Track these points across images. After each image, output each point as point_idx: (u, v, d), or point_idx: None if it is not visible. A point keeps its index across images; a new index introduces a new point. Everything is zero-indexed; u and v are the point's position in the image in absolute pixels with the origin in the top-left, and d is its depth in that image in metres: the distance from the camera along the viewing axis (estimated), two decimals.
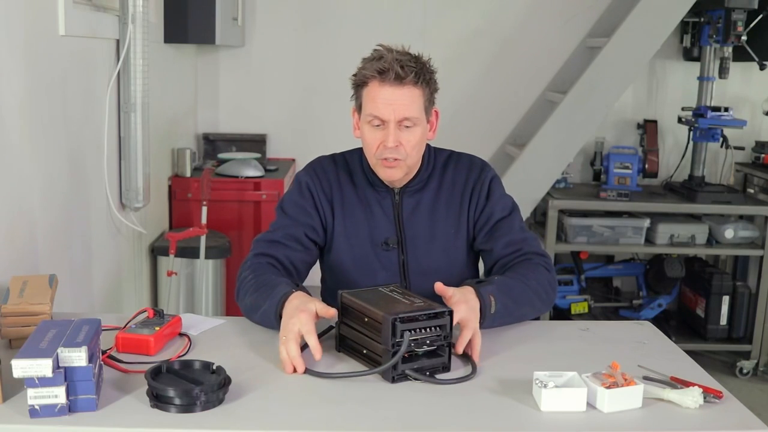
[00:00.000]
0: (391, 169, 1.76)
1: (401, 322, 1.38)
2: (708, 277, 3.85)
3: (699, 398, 1.33)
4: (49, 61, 2.14)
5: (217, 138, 4.07)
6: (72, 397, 1.24)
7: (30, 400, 1.22)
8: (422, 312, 1.41)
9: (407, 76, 1.68)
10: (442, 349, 1.43)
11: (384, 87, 1.70)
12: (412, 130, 1.73)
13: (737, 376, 3.78)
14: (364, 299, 1.48)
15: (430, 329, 1.40)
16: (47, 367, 1.20)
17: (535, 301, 1.71)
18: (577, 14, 4.03)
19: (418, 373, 1.40)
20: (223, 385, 1.31)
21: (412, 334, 1.38)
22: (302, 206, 1.82)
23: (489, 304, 1.59)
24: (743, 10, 3.56)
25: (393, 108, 1.70)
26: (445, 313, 1.42)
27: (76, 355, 1.23)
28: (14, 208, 1.93)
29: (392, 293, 1.52)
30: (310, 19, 4.05)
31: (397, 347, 1.37)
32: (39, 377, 1.20)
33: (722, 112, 3.74)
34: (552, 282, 1.77)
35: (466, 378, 1.42)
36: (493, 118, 4.10)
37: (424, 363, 1.41)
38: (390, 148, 1.72)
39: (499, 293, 1.62)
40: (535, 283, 1.71)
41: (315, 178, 1.85)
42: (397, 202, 1.84)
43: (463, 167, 1.87)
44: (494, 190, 1.85)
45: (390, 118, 1.70)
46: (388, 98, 1.70)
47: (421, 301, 1.47)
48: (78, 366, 1.23)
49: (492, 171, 1.89)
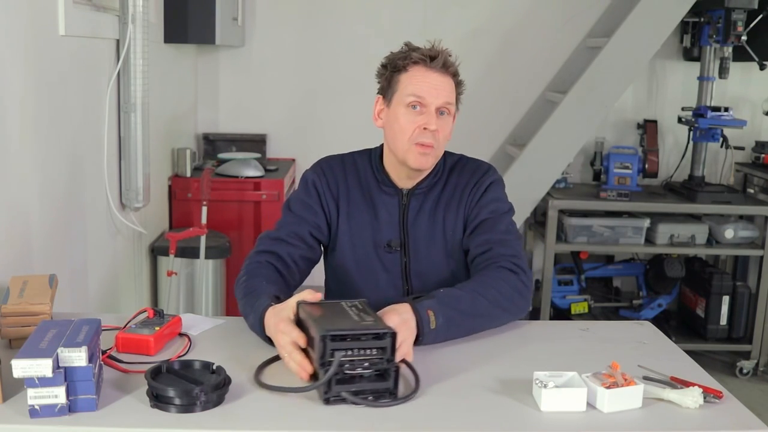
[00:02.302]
0: (425, 156, 1.74)
1: (332, 341, 1.28)
2: (708, 277, 3.85)
3: (699, 398, 1.33)
4: (49, 61, 2.14)
5: (217, 138, 4.07)
6: (72, 397, 1.24)
7: (30, 400, 1.22)
8: (359, 331, 1.30)
9: (452, 66, 1.75)
10: (388, 373, 1.31)
11: (431, 71, 1.72)
12: (446, 119, 1.75)
13: (737, 376, 3.78)
14: (312, 313, 1.39)
15: (369, 351, 1.30)
16: (47, 367, 1.20)
17: (494, 310, 1.63)
18: (577, 14, 4.03)
19: (357, 396, 1.29)
20: (223, 385, 1.31)
21: (348, 354, 1.29)
22: (308, 204, 1.82)
23: (427, 320, 1.53)
24: (743, 10, 3.56)
25: (438, 92, 1.72)
26: (387, 335, 1.30)
27: (76, 355, 1.23)
28: (14, 208, 1.93)
29: (351, 309, 1.41)
30: (310, 19, 4.05)
31: (328, 367, 1.28)
32: (39, 377, 1.20)
33: (722, 112, 3.74)
34: (520, 287, 1.67)
35: (406, 398, 1.32)
36: (493, 118, 4.10)
37: (365, 386, 1.30)
38: (429, 132, 1.72)
39: (440, 306, 1.56)
40: (493, 292, 1.63)
41: (322, 176, 1.84)
42: (404, 203, 1.83)
43: (468, 171, 1.86)
44: (489, 192, 1.82)
45: (433, 102, 1.72)
46: (434, 82, 1.72)
47: (372, 320, 1.36)
48: (78, 366, 1.23)
49: (494, 175, 1.86)
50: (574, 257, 3.99)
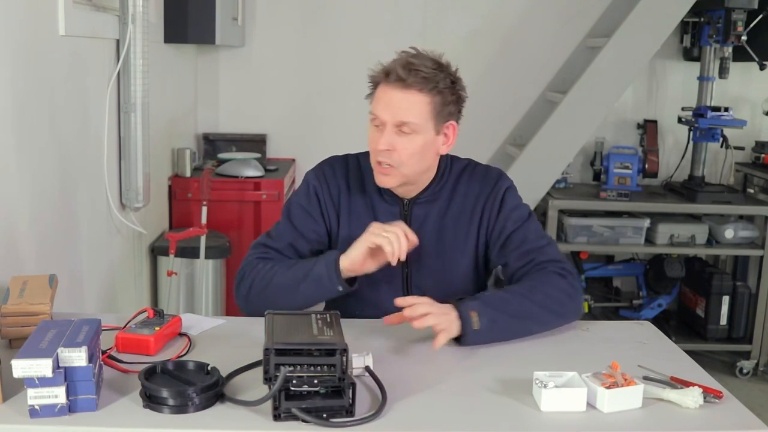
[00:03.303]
0: (383, 176, 1.70)
1: (277, 354, 1.24)
2: (708, 277, 3.85)
3: (699, 398, 1.33)
4: (49, 61, 2.14)
5: (217, 138, 4.07)
6: (72, 397, 1.24)
7: (30, 400, 1.22)
8: (306, 347, 1.25)
9: (410, 79, 1.63)
10: (344, 390, 1.26)
11: (387, 87, 1.66)
12: (410, 137, 1.66)
13: (737, 376, 3.78)
14: (273, 324, 1.35)
15: (319, 367, 1.24)
16: (47, 367, 1.20)
17: (542, 314, 1.63)
18: (577, 14, 4.03)
19: (308, 414, 1.22)
20: (217, 385, 1.30)
21: (296, 369, 1.24)
22: (308, 212, 1.79)
23: (469, 320, 1.54)
24: (743, 10, 3.56)
25: (391, 110, 1.65)
26: (336, 351, 1.25)
27: (76, 355, 1.23)
28: (14, 208, 1.93)
29: (316, 322, 1.37)
30: (310, 19, 4.05)
31: (273, 382, 1.24)
32: (39, 377, 1.20)
33: (722, 112, 3.73)
34: (569, 290, 1.67)
35: (363, 420, 1.24)
36: (493, 118, 4.09)
37: (318, 403, 1.24)
38: (381, 151, 1.66)
39: (484, 308, 1.56)
40: (541, 296, 1.63)
41: (324, 182, 1.80)
42: (406, 213, 1.78)
43: (477, 179, 1.80)
44: (507, 201, 1.78)
45: (387, 119, 1.66)
46: (388, 100, 1.66)
47: (329, 336, 1.30)
48: (78, 366, 1.23)
49: (507, 182, 1.81)
50: (574, 257, 3.99)
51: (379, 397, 1.31)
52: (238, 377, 1.37)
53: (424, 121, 1.66)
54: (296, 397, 1.25)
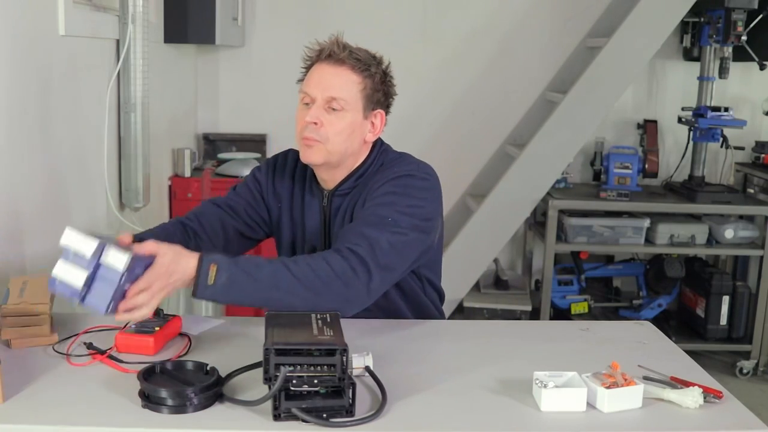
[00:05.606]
0: (308, 149, 1.66)
1: (277, 354, 1.24)
2: (708, 277, 3.85)
3: (699, 398, 1.33)
4: (49, 61, 2.14)
5: (217, 138, 4.07)
6: (87, 292, 1.24)
7: (56, 269, 1.22)
8: (306, 346, 1.25)
9: (343, 55, 1.65)
10: (344, 390, 1.26)
11: (320, 65, 1.68)
12: (339, 114, 1.65)
13: (737, 376, 3.78)
14: (273, 324, 1.35)
15: (318, 367, 1.25)
16: (90, 247, 1.19)
17: (296, 287, 1.45)
18: (577, 14, 4.03)
19: (308, 413, 1.22)
20: (216, 385, 1.30)
21: (296, 369, 1.24)
22: (250, 189, 1.84)
23: (206, 274, 1.41)
24: (743, 10, 3.56)
25: (322, 86, 1.65)
26: (336, 351, 1.25)
27: (119, 257, 1.23)
28: (14, 208, 1.93)
29: (317, 322, 1.36)
30: (310, 19, 4.05)
31: (273, 381, 1.24)
32: (76, 252, 1.19)
33: (722, 112, 3.74)
34: (345, 273, 1.48)
35: (366, 419, 1.24)
36: (493, 118, 4.10)
37: (318, 403, 1.24)
38: (308, 123, 1.64)
39: (228, 265, 1.43)
40: (305, 269, 1.47)
41: (271, 172, 1.84)
42: (324, 205, 1.76)
43: (389, 170, 1.69)
44: (383, 189, 1.64)
45: (317, 95, 1.65)
46: (319, 76, 1.67)
47: (329, 336, 1.30)
48: (112, 266, 1.23)
49: (408, 179, 1.65)
50: (574, 257, 3.99)
51: (379, 397, 1.31)
52: (238, 377, 1.37)
53: (353, 100, 1.66)
54: (296, 397, 1.25)
